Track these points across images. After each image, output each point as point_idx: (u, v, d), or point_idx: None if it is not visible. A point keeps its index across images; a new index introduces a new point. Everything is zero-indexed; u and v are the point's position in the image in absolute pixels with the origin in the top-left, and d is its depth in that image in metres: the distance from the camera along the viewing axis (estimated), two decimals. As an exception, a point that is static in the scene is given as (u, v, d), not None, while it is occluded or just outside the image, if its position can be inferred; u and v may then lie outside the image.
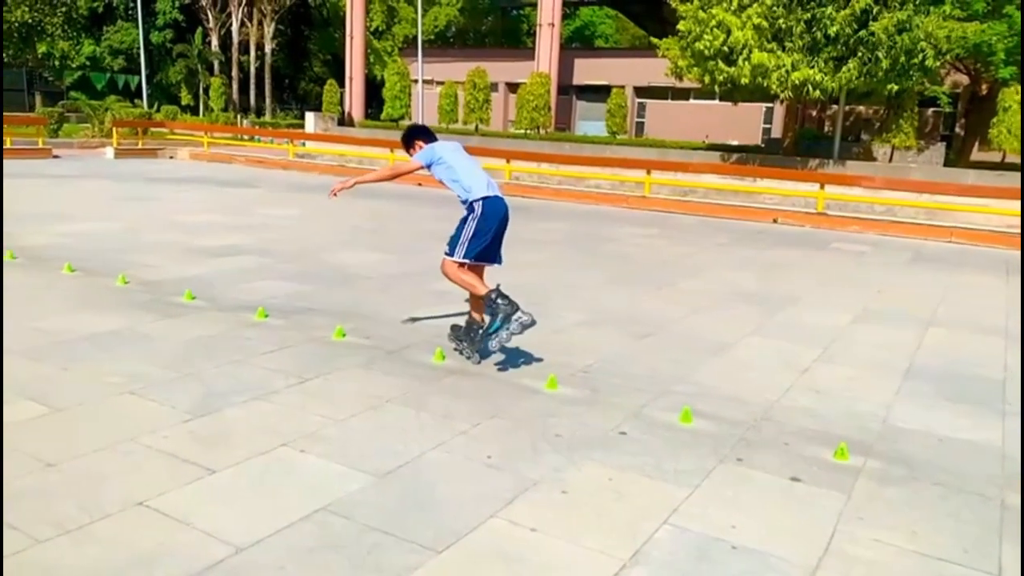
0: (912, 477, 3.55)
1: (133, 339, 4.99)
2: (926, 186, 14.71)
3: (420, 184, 18.09)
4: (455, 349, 5.07)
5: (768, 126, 31.57)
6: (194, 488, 3.10)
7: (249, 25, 39.78)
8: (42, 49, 37.01)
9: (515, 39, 52.07)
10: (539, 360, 5.01)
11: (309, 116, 29.42)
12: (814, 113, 27.07)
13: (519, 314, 4.59)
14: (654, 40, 19.86)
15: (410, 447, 3.58)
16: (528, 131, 26.61)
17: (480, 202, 4.78)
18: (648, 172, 16.36)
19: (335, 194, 5.19)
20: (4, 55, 35.11)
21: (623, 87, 29.46)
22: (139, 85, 37.81)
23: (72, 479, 3.11)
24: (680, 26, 17.86)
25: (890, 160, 20.17)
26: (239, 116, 35.39)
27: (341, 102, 31.61)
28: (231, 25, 39.87)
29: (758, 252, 10.60)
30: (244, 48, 40.42)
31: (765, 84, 17.26)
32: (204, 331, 5.25)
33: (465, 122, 27.86)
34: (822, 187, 14.62)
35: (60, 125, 25.93)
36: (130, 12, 40.61)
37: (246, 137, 26.52)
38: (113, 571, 2.52)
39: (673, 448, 3.71)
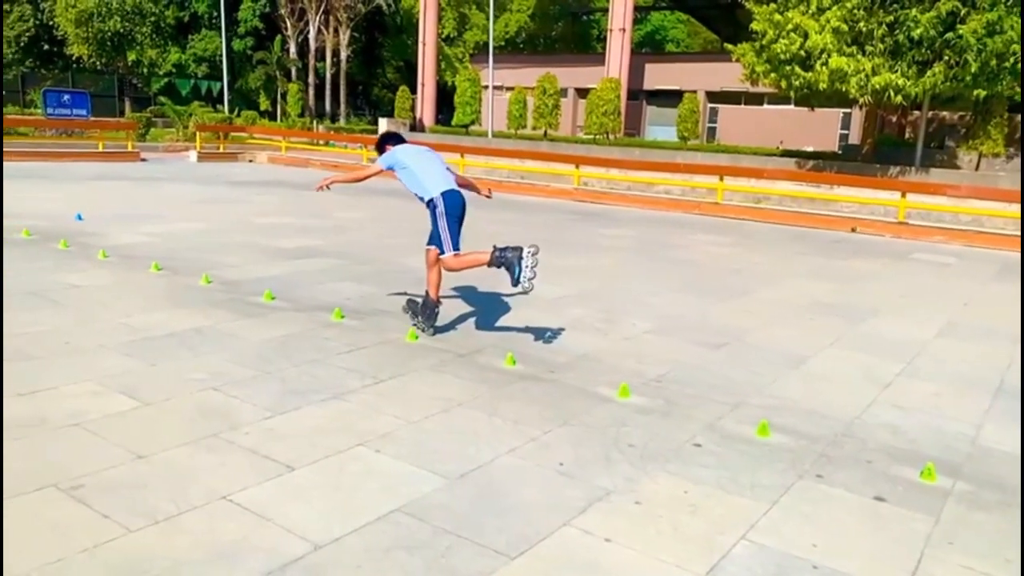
0: (1005, 502, 3.38)
1: (216, 337, 5.17)
2: (1016, 195, 14.03)
3: (489, 189, 18.21)
4: (413, 325, 5.50)
5: (845, 132, 30.66)
6: (274, 484, 3.18)
7: (325, 32, 40.78)
8: (132, 57, 38.75)
9: (585, 44, 51.95)
10: (611, 368, 4.96)
11: (382, 122, 29.99)
12: (894, 119, 26.15)
13: (524, 251, 5.00)
14: (728, 46, 19.50)
15: (482, 451, 3.60)
16: (597, 136, 26.50)
17: (439, 197, 5.24)
18: (721, 178, 16.09)
19: (320, 189, 5.64)
20: (98, 63, 36.91)
21: (695, 92, 29.04)
22: (221, 91, 39.17)
23: (161, 471, 3.24)
24: (754, 25, 17.51)
25: (976, 168, 19.33)
26: (315, 121, 36.29)
27: (413, 108, 32.10)
28: (308, 33, 40.95)
29: (836, 261, 10.30)
30: (320, 55, 41.46)
31: (844, 89, 16.78)
32: (283, 331, 5.39)
33: (534, 127, 27.93)
34: (903, 195, 14.12)
35: (148, 129, 27.09)
36: (214, 21, 42.14)
37: (321, 142, 27.17)
38: (199, 563, 2.61)
39: (750, 462, 3.63)
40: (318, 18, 40.19)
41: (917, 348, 5.89)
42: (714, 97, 33.90)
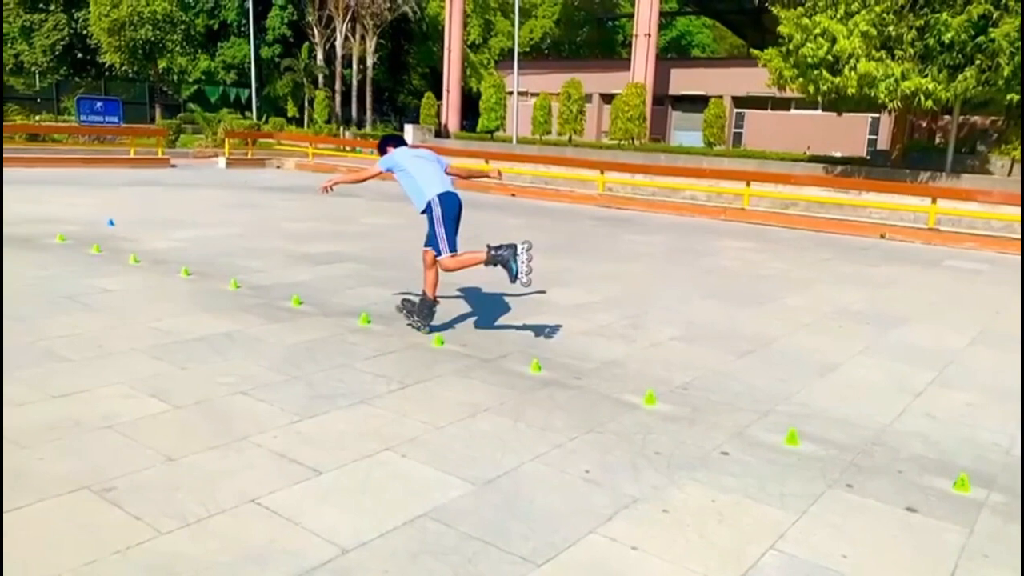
0: (1042, 514, 3.31)
1: (244, 341, 5.22)
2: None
3: (514, 195, 18.26)
4: (408, 324, 5.68)
5: (874, 137, 30.32)
6: (302, 488, 3.21)
7: (352, 40, 41.13)
8: (163, 65, 39.38)
9: (610, 50, 51.91)
10: (637, 375, 4.94)
11: (408, 128, 30.17)
12: (924, 123, 25.82)
13: (519, 248, 5.16)
14: (755, 52, 19.38)
15: (508, 457, 3.60)
16: (622, 142, 26.45)
17: (436, 199, 5.39)
18: (747, 184, 15.97)
19: (324, 190, 5.89)
20: (130, 71, 37.55)
21: (721, 97, 28.89)
22: (249, 98, 39.69)
23: (191, 474, 3.28)
24: (781, 28, 17.37)
25: (1009, 173, 19.00)
26: (341, 128, 36.61)
27: (438, 114, 32.28)
28: (335, 40, 41.33)
29: (865, 268, 10.17)
30: (347, 62, 41.83)
31: (872, 94, 16.60)
32: (310, 335, 5.44)
33: (559, 133, 27.95)
34: (934, 201, 13.91)
35: (178, 136, 27.50)
36: (242, 29, 42.73)
37: (348, 148, 27.40)
38: (229, 565, 2.63)
39: (778, 471, 3.59)
40: (345, 25, 40.55)
41: (949, 356, 5.80)
42: (740, 102, 33.70)
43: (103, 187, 15.05)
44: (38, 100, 35.49)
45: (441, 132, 31.71)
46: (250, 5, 37.71)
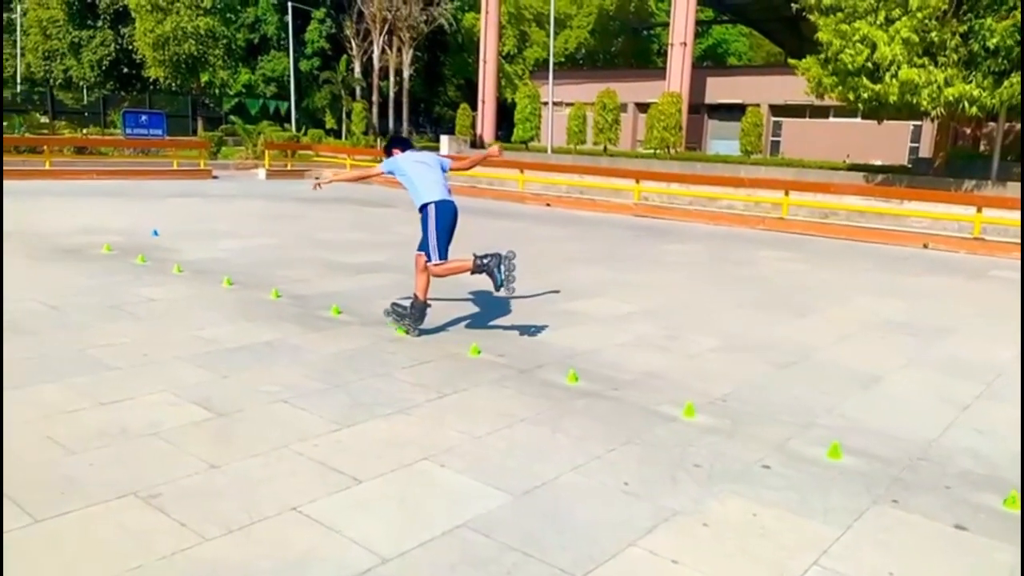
0: (1097, 533, 3.21)
1: (285, 350, 5.30)
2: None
3: (549, 205, 18.27)
4: (400, 325, 5.81)
5: (915, 145, 29.75)
6: (342, 496, 3.24)
7: (389, 52, 41.61)
8: (205, 78, 40.19)
9: (645, 59, 51.77)
10: (675, 386, 4.91)
11: (444, 139, 30.37)
12: (968, 131, 25.30)
13: (503, 257, 5.38)
14: (792, 61, 19.17)
15: (546, 468, 3.60)
16: (657, 151, 26.32)
17: (431, 205, 5.59)
18: (786, 193, 15.78)
19: (318, 187, 6.24)
20: (173, 84, 38.40)
21: (758, 105, 28.62)
22: (288, 110, 40.35)
23: (234, 481, 3.33)
24: (820, 35, 17.15)
25: (1059, 181, 18.49)
26: (378, 139, 36.98)
27: (473, 125, 32.45)
28: (373, 52, 41.86)
29: (907, 278, 9.98)
30: (384, 74, 42.31)
31: (915, 101, 16.29)
32: (349, 345, 5.49)
33: (595, 143, 27.91)
34: (979, 210, 13.60)
35: (219, 148, 28.04)
36: (282, 43, 43.49)
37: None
38: (271, 572, 2.67)
39: (821, 485, 3.53)
40: (382, 38, 41.05)
41: (996, 369, 5.65)
42: (778, 110, 33.35)
43: (147, 198, 15.40)
44: (86, 114, 36.44)
45: (476, 143, 31.86)
46: (290, 19, 38.43)
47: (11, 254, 8.49)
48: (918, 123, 27.25)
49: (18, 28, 46.33)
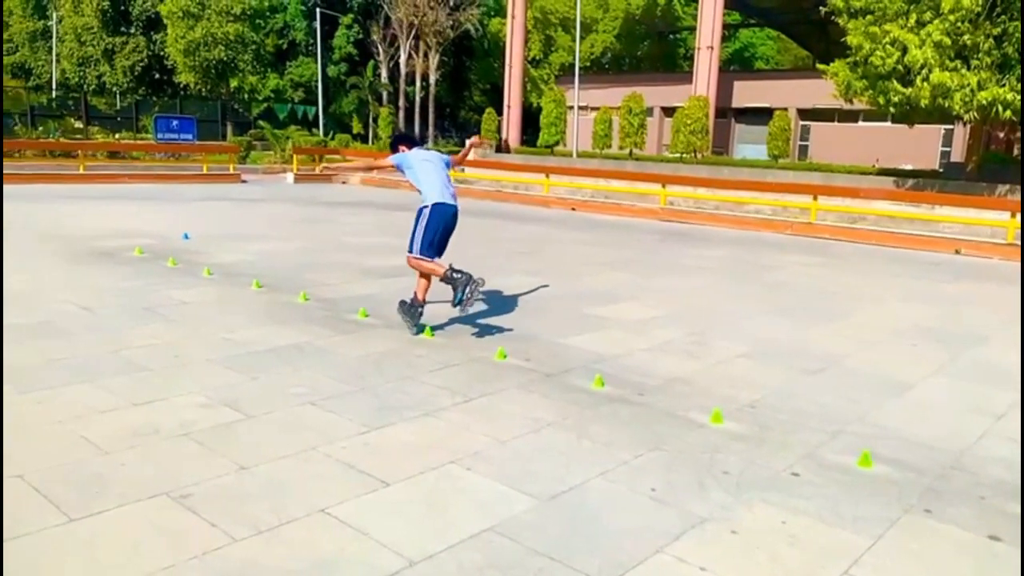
0: None
1: (313, 353, 5.34)
2: None
3: (574, 209, 18.25)
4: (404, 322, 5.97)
5: (947, 149, 29.32)
6: (370, 499, 3.26)
7: (415, 57, 41.89)
8: (234, 84, 40.80)
9: (671, 63, 51.57)
10: (702, 392, 4.87)
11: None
12: (1002, 135, 24.85)
13: (473, 280, 5.57)
14: (821, 66, 18.99)
15: (572, 473, 3.59)
16: (684, 155, 26.22)
17: (428, 207, 5.83)
18: (814, 197, 15.62)
19: (332, 175, 5.98)
20: (203, 90, 38.96)
21: (785, 109, 28.40)
22: (316, 115, 40.75)
23: (263, 483, 3.36)
24: (849, 39, 16.96)
25: (1096, 186, 18.11)
26: (403, 143, 37.24)
27: (498, 129, 32.54)
28: (399, 58, 42.18)
29: (938, 285, 9.83)
30: (410, 79, 42.60)
31: (946, 105, 16.06)
32: (377, 348, 5.53)
33: (620, 147, 27.85)
34: (1013, 216, 13.35)
35: (248, 153, 28.39)
36: (310, 48, 43.98)
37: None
38: (300, 574, 2.69)
39: (851, 493, 3.49)
40: (409, 43, 41.34)
41: (1032, 378, 5.54)
42: (806, 114, 33.06)
43: (178, 202, 15.63)
44: (118, 119, 37.08)
45: (501, 147, 31.94)
46: (318, 25, 38.83)
47: (47, 256, 8.67)
48: (950, 127, 26.88)
49: (54, 35, 47.29)
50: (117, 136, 31.92)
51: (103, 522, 2.97)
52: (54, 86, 46.19)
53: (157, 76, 45.14)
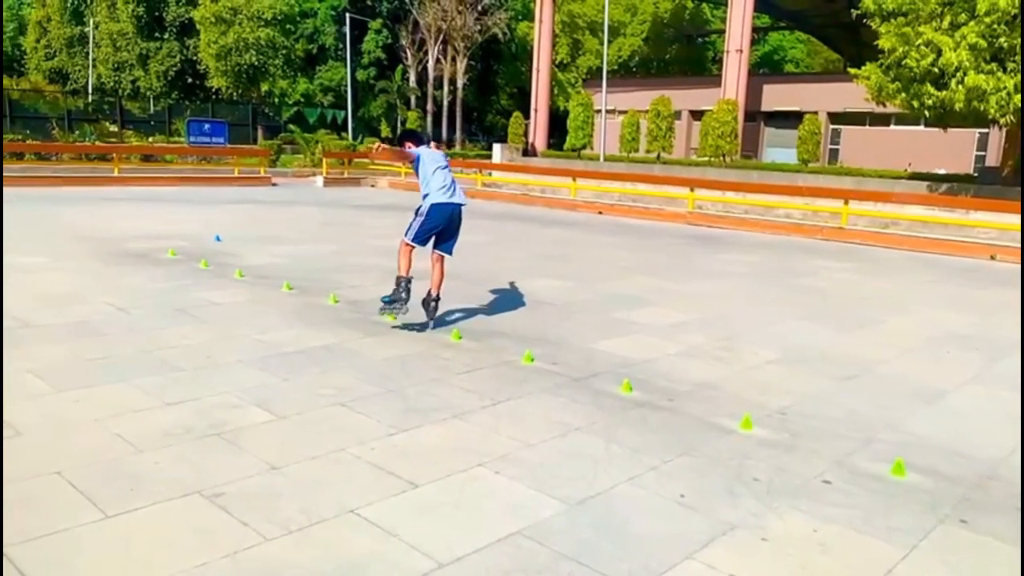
0: None
1: (343, 354, 5.39)
2: None
3: (601, 213, 18.20)
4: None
5: (982, 153, 28.80)
6: (399, 500, 3.28)
7: (444, 61, 42.12)
8: (265, 88, 41.30)
9: (700, 67, 51.30)
10: (731, 398, 4.84)
11: (496, 147, 30.56)
12: (1040, 138, 24.33)
13: (402, 306, 6.05)
14: (852, 70, 18.75)
15: (600, 478, 3.58)
16: (712, 159, 26.04)
17: (429, 206, 6.07)
18: (845, 202, 15.44)
19: (374, 157, 6.09)
20: (234, 94, 39.49)
21: (815, 113, 28.09)
22: (345, 119, 41.10)
23: (294, 483, 3.40)
24: (881, 42, 16.73)
25: None
26: (431, 147, 37.42)
27: (525, 133, 32.57)
28: (427, 62, 42.43)
29: (973, 291, 9.65)
30: (438, 83, 42.82)
31: (982, 108, 15.78)
32: (405, 350, 5.56)
33: (647, 151, 27.73)
34: (1052, 221, 13.07)
35: (278, 156, 28.69)
36: (339, 53, 44.35)
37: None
38: (330, 574, 2.71)
39: (884, 502, 3.44)
40: (437, 48, 41.56)
41: (1071, 387, 5.42)
42: (836, 118, 32.69)
43: (210, 204, 15.85)
44: (152, 123, 37.66)
45: (528, 151, 31.96)
46: (347, 30, 39.17)
47: (83, 258, 8.83)
48: (985, 131, 26.40)
49: (90, 41, 48.25)
50: (150, 140, 32.44)
51: (138, 519, 3.02)
52: (90, 90, 47.13)
53: (190, 80, 45.85)
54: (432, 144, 6.70)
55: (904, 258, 12.68)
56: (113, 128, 33.66)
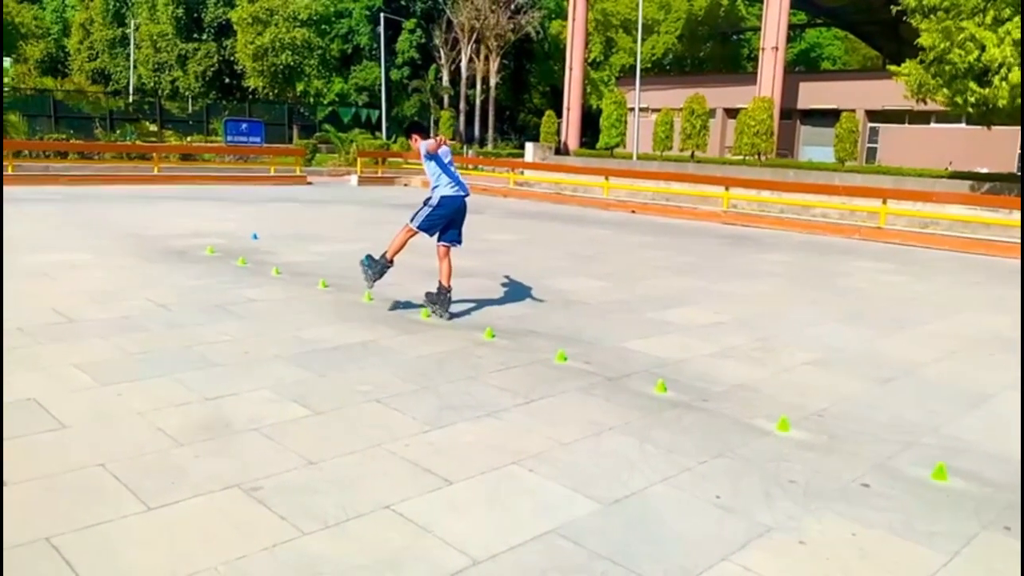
0: None
1: (378, 351, 5.43)
2: None
3: (634, 212, 18.11)
4: (433, 312, 6.47)
5: (1026, 151, 28.09)
6: (434, 497, 3.30)
7: (476, 61, 42.23)
8: (300, 88, 41.79)
9: (735, 64, 50.70)
10: (768, 399, 4.78)
11: (528, 146, 30.55)
12: (1088, 136, 23.71)
13: (369, 284, 6.67)
14: (891, 68, 18.41)
15: (635, 478, 3.57)
16: (747, 157, 25.76)
17: (439, 198, 6.44)
18: (884, 201, 15.17)
19: (436, 147, 6.45)
20: (270, 94, 40.00)
21: (853, 111, 27.64)
22: (379, 118, 41.41)
23: (330, 478, 3.43)
24: (922, 39, 16.40)
25: None
26: (464, 146, 37.53)
27: (558, 132, 32.53)
28: (460, 61, 42.56)
29: (1018, 292, 9.42)
30: (471, 82, 42.93)
31: (1028, 105, 15.41)
32: (439, 348, 5.59)
33: (681, 149, 27.53)
34: (1100, 221, 12.72)
35: (313, 155, 29.02)
36: (373, 53, 44.70)
37: (471, 167, 28.05)
38: (367, 569, 2.74)
39: (926, 507, 3.38)
40: (470, 47, 41.68)
41: (1121, 392, 5.27)
42: (874, 116, 32.12)
43: (246, 203, 16.08)
44: (190, 122, 38.35)
45: (560, 149, 31.91)
46: (381, 30, 39.46)
47: (124, 255, 9.02)
48: (1030, 128, 25.74)
49: (131, 42, 49.22)
50: (189, 139, 33.02)
51: (179, 511, 3.08)
52: (131, 91, 48.07)
53: (227, 81, 46.57)
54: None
55: (945, 258, 12.44)
56: (153, 128, 34.35)
